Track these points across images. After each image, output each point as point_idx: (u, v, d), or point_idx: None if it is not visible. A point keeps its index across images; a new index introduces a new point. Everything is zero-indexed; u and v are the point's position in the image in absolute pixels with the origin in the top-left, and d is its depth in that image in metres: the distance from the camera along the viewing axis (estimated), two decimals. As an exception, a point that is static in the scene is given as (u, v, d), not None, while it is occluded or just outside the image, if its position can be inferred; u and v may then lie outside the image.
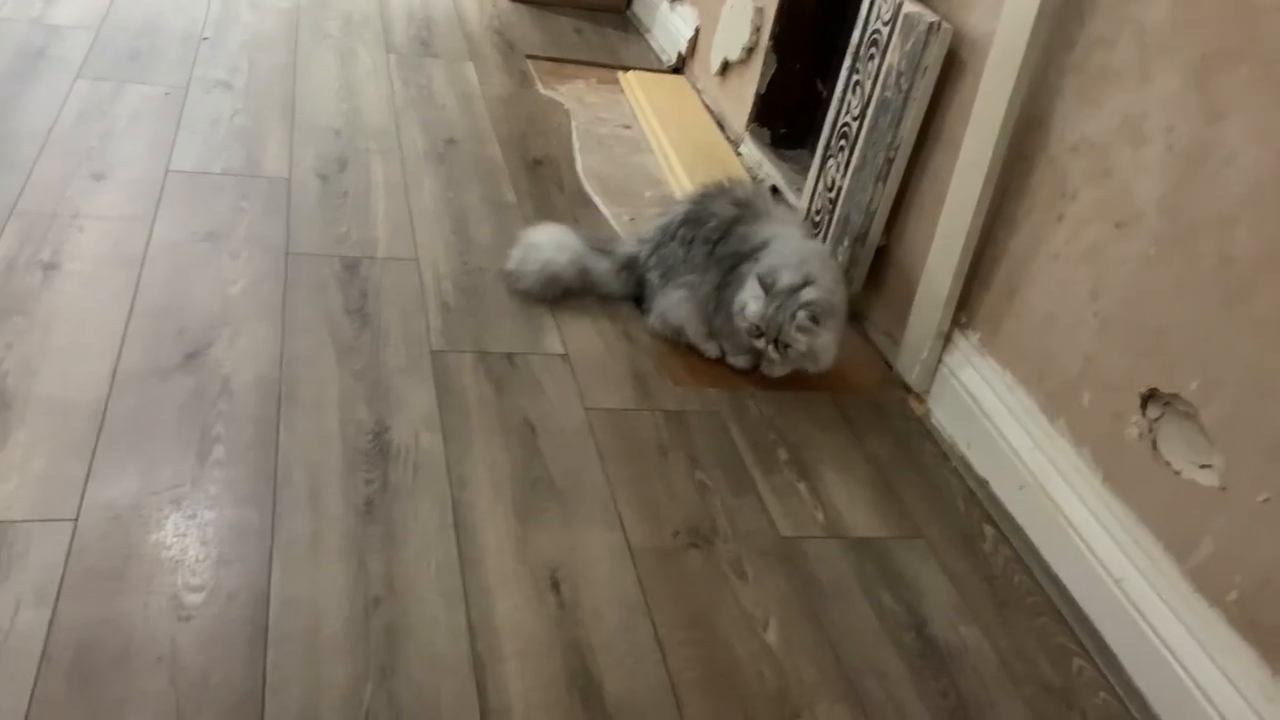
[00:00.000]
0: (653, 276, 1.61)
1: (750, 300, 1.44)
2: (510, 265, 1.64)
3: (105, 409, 1.24)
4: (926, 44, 1.53)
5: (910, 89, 1.57)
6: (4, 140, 1.71)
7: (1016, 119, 1.39)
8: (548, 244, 1.63)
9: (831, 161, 1.79)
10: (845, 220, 1.72)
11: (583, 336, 1.56)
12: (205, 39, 2.22)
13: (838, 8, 2.05)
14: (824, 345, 1.46)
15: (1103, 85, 1.27)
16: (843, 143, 1.75)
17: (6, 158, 1.67)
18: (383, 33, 2.47)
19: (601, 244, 1.69)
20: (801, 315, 1.41)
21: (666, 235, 1.60)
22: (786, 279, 1.43)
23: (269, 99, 2.04)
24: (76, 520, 1.09)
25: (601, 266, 1.65)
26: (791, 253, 1.48)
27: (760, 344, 1.46)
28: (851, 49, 1.75)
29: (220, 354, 1.37)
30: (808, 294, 1.42)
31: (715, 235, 1.55)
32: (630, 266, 1.65)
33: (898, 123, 1.59)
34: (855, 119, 1.72)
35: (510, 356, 1.48)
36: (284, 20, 2.41)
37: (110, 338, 1.35)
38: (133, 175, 1.70)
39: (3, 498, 1.10)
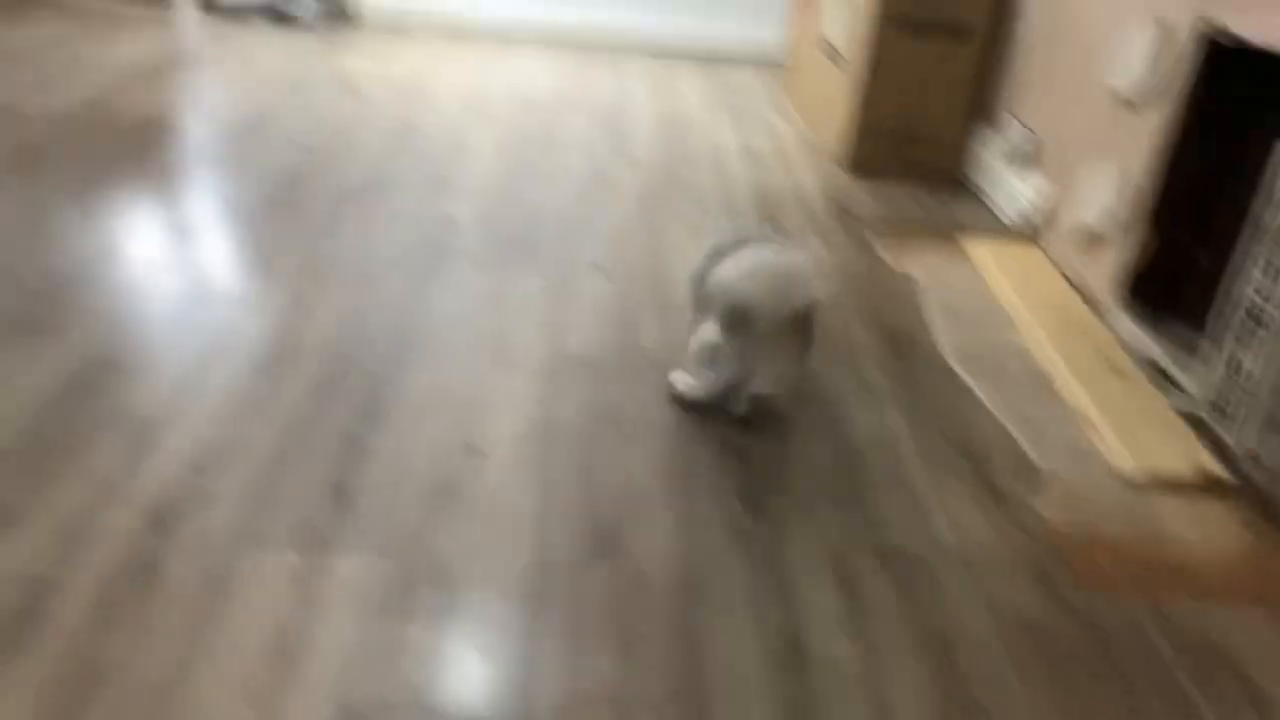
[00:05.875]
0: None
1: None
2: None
3: (532, 598, 1.31)
4: (1371, 227, 1.41)
5: (1349, 274, 1.44)
6: (420, 329, 1.90)
7: None
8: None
9: (1236, 342, 1.66)
10: (1266, 410, 1.58)
11: (973, 525, 1.50)
12: (576, 224, 2.41)
13: (1225, 170, 1.94)
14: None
15: None
16: (1254, 325, 1.63)
17: (424, 346, 1.85)
18: (730, 208, 2.58)
19: None
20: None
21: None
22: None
23: (639, 280, 2.16)
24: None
25: None
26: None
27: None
28: (1258, 224, 1.63)
29: (631, 543, 1.42)
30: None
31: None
32: None
33: (1333, 309, 1.46)
34: (1264, 299, 1.59)
35: (902, 550, 1.45)
36: (642, 201, 2.58)
37: (530, 522, 1.44)
38: (532, 359, 1.84)
39: (447, 686, 1.18)
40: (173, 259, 2.05)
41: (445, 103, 3.22)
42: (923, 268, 2.35)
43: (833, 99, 3.05)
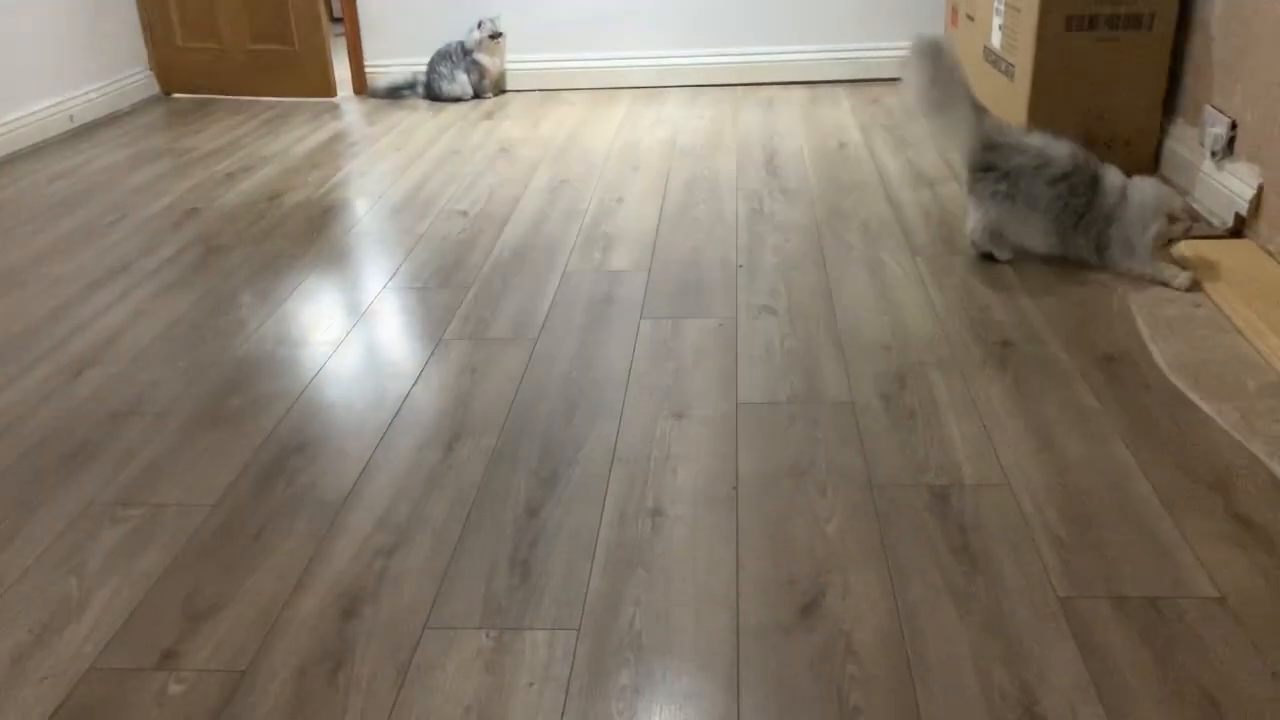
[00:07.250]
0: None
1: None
2: None
3: (738, 669, 1.21)
4: None
5: None
6: (594, 386, 1.85)
7: None
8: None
9: None
10: None
11: (1237, 573, 1.31)
12: (740, 267, 2.33)
13: None
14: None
15: None
16: None
17: (600, 404, 1.80)
18: (903, 236, 2.45)
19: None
20: None
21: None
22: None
23: (812, 320, 2.06)
24: (737, 804, 1.05)
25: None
26: None
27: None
28: None
29: (834, 605, 1.30)
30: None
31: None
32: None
33: None
34: None
35: (1154, 602, 1.28)
36: (806, 237, 2.48)
37: (725, 587, 1.35)
38: (708, 411, 1.76)
39: (661, 773, 1.09)
40: (349, 338, 2.08)
41: (598, 157, 3.22)
42: (1126, 278, 2.15)
43: (1003, 108, 2.87)
